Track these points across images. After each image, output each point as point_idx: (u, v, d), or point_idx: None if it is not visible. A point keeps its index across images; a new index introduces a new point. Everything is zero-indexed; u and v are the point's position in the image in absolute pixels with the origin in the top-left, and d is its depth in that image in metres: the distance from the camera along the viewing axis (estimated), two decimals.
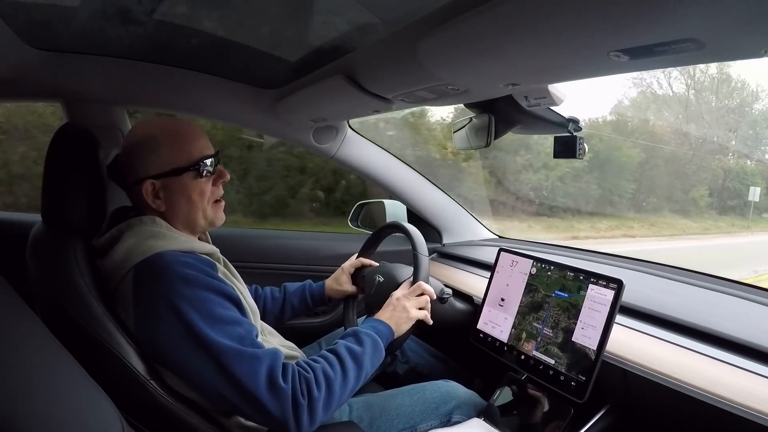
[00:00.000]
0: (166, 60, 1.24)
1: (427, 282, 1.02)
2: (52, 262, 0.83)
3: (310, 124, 1.42)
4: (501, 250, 1.15)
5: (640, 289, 1.04)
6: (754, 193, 11.56)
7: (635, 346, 0.89)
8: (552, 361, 0.94)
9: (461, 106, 1.19)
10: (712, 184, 11.82)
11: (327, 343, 1.23)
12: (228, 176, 0.93)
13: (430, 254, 1.60)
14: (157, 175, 0.86)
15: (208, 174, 0.89)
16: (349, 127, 1.51)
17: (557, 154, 1.10)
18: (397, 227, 1.18)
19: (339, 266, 1.24)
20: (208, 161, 0.88)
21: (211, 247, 0.90)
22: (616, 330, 0.89)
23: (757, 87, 12.76)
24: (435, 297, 1.02)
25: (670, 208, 11.01)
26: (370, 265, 1.23)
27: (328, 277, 1.24)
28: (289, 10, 0.96)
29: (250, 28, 1.06)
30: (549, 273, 1.03)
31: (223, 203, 0.94)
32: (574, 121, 1.07)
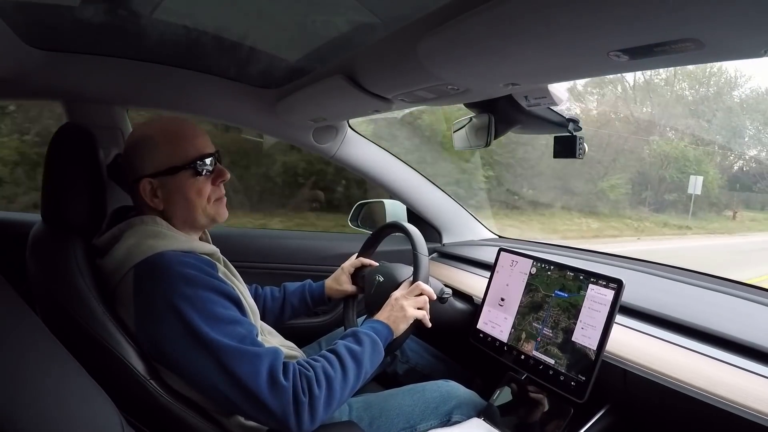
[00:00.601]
0: (166, 60, 1.25)
1: (426, 282, 1.02)
2: (51, 262, 0.83)
3: (310, 124, 1.42)
4: (501, 249, 1.15)
5: (640, 289, 1.04)
6: (695, 184, 8.83)
7: (635, 346, 0.89)
8: (552, 361, 0.94)
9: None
10: (647, 173, 9.64)
11: (327, 343, 1.24)
12: (228, 175, 0.92)
13: (430, 254, 1.60)
14: (154, 173, 0.86)
15: (207, 173, 0.89)
16: (349, 127, 1.51)
17: (557, 154, 1.10)
18: (397, 227, 1.18)
19: (339, 266, 1.24)
20: (208, 160, 0.88)
21: (211, 247, 0.90)
22: (615, 330, 0.89)
23: (736, 72, 11.40)
24: (434, 297, 1.02)
25: (565, 203, 8.40)
26: (370, 265, 1.23)
27: (328, 276, 1.24)
28: (288, 10, 0.96)
29: (250, 28, 1.06)
30: (549, 273, 1.03)
31: (224, 200, 0.94)
32: (574, 121, 1.08)
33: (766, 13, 0.43)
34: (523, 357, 1.00)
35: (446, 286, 1.17)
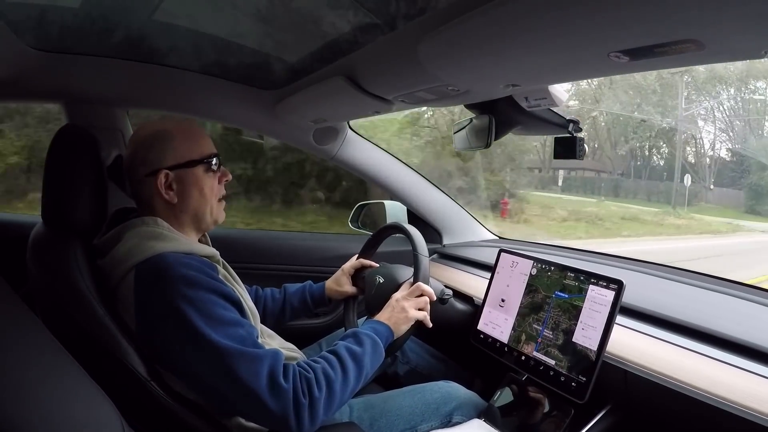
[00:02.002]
0: (166, 61, 1.24)
1: (427, 283, 1.02)
2: (52, 264, 0.83)
3: (310, 125, 1.42)
4: (501, 250, 1.15)
5: (640, 290, 1.04)
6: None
7: (636, 346, 0.89)
8: (552, 362, 0.94)
9: None
10: None
11: (327, 344, 1.23)
12: (230, 176, 0.95)
13: (430, 255, 1.59)
14: (172, 166, 0.87)
15: (215, 171, 0.92)
16: (350, 127, 1.51)
17: (557, 155, 1.11)
18: (397, 228, 1.18)
19: (339, 267, 1.24)
20: (215, 159, 0.91)
21: (211, 250, 0.90)
22: (616, 331, 0.89)
23: None
24: (435, 298, 1.02)
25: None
26: (371, 266, 1.23)
27: (328, 278, 1.24)
28: (288, 11, 0.96)
29: (249, 29, 1.06)
30: (549, 274, 1.03)
31: (224, 203, 0.96)
32: (575, 122, 1.08)
33: (767, 14, 0.43)
34: (523, 358, 1.00)
35: (447, 287, 1.17)
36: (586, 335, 0.90)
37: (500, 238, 1.81)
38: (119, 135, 1.33)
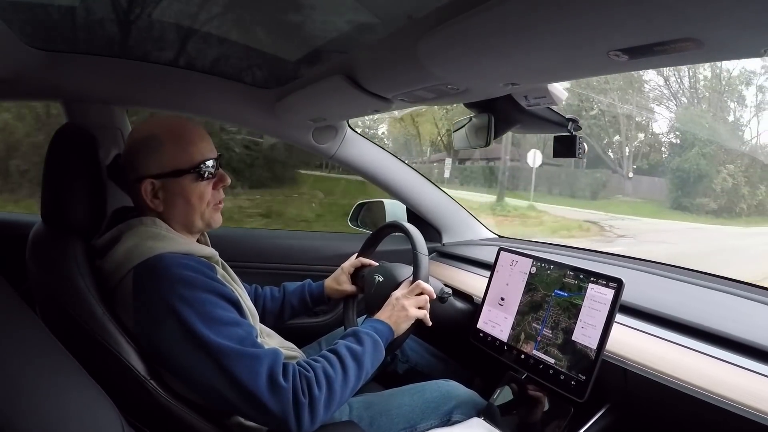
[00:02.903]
0: (166, 60, 1.25)
1: (426, 281, 1.02)
2: (52, 263, 0.83)
3: (309, 123, 1.42)
4: (501, 249, 1.15)
5: (640, 288, 1.04)
6: None
7: (635, 345, 0.89)
8: (552, 361, 0.94)
9: None
10: None
11: (327, 343, 1.23)
12: (229, 181, 0.92)
13: (429, 254, 1.59)
14: (157, 175, 0.85)
15: (210, 177, 0.88)
16: (349, 126, 1.51)
17: (557, 153, 1.10)
18: (396, 227, 1.18)
19: (339, 266, 1.24)
20: (210, 164, 0.88)
21: (210, 250, 0.90)
22: (616, 329, 0.89)
23: None
24: (434, 296, 1.02)
25: None
26: (370, 265, 1.23)
27: (328, 276, 1.24)
28: (288, 10, 0.96)
29: (249, 28, 1.06)
30: (549, 272, 1.02)
31: (221, 206, 0.93)
32: (574, 121, 1.08)
33: (766, 13, 0.43)
34: (523, 356, 1.00)
35: (446, 285, 1.17)
36: (586, 334, 0.90)
37: (500, 236, 1.81)
38: (118, 133, 1.32)
